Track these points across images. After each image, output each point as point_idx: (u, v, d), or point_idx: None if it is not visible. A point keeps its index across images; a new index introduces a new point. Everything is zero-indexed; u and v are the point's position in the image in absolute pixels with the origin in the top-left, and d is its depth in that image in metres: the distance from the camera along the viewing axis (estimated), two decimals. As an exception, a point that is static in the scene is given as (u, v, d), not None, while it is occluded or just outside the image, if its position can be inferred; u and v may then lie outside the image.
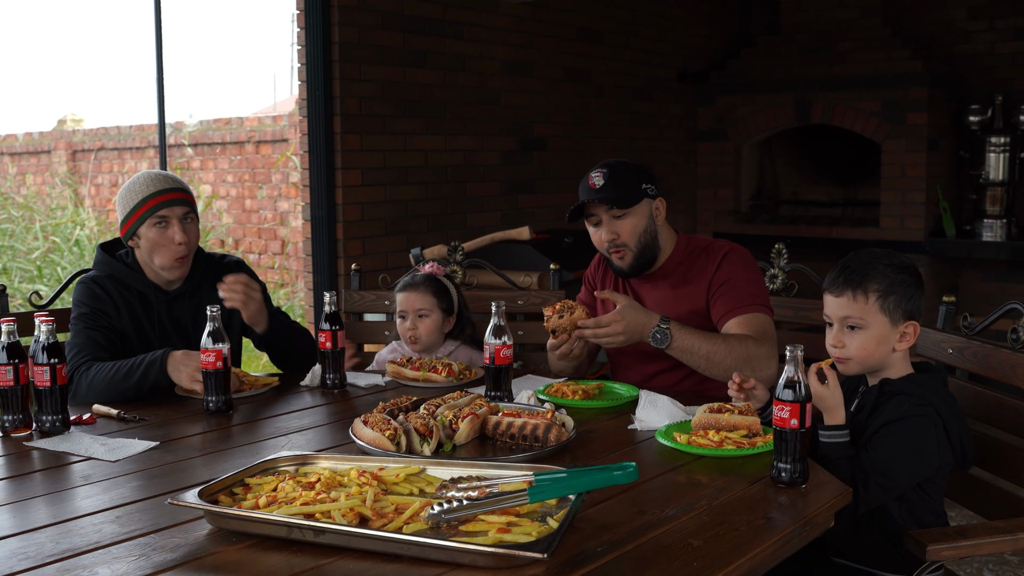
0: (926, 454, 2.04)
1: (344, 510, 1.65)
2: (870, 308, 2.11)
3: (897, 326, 2.12)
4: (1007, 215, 6.52)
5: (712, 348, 2.57)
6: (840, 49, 6.92)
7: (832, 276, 2.17)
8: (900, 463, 2.02)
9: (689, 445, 2.11)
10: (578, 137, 6.11)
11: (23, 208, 10.17)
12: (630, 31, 6.49)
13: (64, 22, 30.35)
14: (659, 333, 2.58)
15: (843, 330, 2.15)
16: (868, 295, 2.11)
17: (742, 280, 2.72)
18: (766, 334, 2.63)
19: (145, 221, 2.80)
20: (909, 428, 2.04)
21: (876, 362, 2.15)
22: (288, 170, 8.79)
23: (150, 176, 2.86)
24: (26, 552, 1.60)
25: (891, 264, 2.13)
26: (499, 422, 2.19)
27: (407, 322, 3.08)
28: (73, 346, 2.73)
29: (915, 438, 2.04)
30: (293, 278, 8.79)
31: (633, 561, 1.54)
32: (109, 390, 2.62)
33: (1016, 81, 6.76)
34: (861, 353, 2.13)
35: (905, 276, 2.12)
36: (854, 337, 2.13)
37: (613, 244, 2.76)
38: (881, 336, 2.12)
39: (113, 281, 2.84)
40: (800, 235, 6.93)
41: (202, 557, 1.58)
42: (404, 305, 3.09)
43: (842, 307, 2.14)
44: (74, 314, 2.80)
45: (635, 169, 2.79)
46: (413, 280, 3.12)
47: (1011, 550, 2.08)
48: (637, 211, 2.75)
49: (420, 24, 4.98)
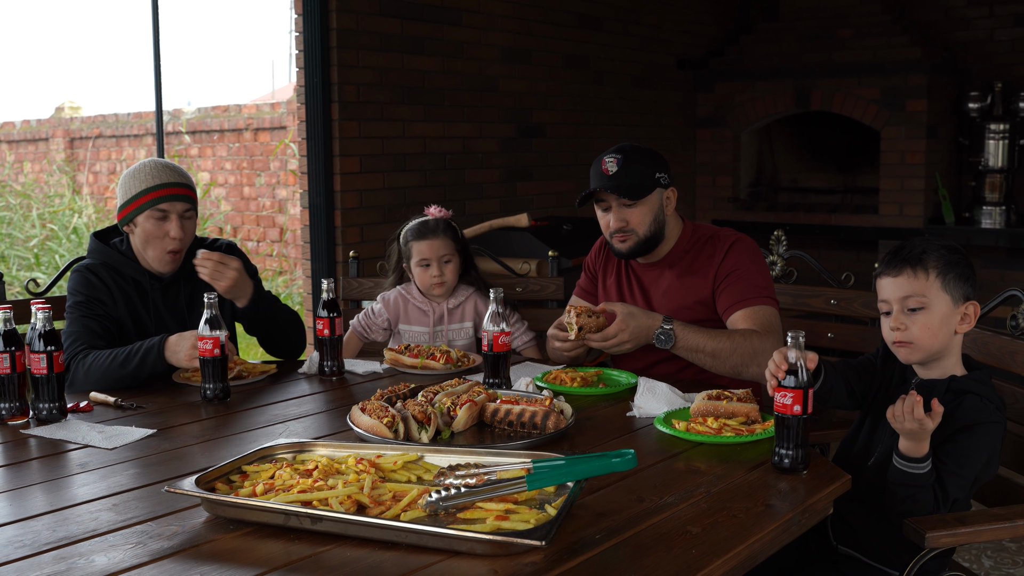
0: (994, 460, 2.01)
1: (342, 497, 1.64)
2: (931, 285, 2.01)
3: (958, 305, 2.04)
4: (1006, 202, 6.51)
5: (717, 346, 2.55)
6: (839, 36, 6.90)
7: (886, 260, 2.09)
8: (978, 471, 1.99)
9: (688, 432, 2.10)
10: (577, 124, 6.09)
11: (21, 196, 10.16)
12: (629, 18, 6.46)
13: (62, 9, 30.24)
14: (663, 335, 2.56)
15: (904, 312, 2.04)
16: (929, 271, 2.02)
17: (748, 271, 2.70)
18: (771, 327, 2.61)
19: (144, 211, 2.79)
20: (987, 435, 1.98)
21: (940, 346, 2.04)
22: (286, 157, 8.78)
23: (158, 166, 2.84)
24: (23, 540, 1.59)
25: (943, 246, 2.07)
26: (497, 409, 2.18)
27: (431, 269, 3.05)
28: (69, 335, 2.72)
29: (991, 445, 1.99)
30: (291, 265, 8.79)
31: (631, 548, 1.54)
32: (106, 378, 2.62)
33: (1016, 68, 6.74)
34: (925, 334, 2.02)
35: (959, 257, 2.06)
36: (916, 318, 2.02)
37: (620, 231, 2.75)
38: (944, 316, 2.02)
39: (108, 269, 2.83)
40: (799, 222, 6.91)
41: (199, 545, 1.57)
42: (428, 253, 3.06)
43: (902, 287, 2.04)
44: (69, 302, 2.79)
45: (649, 156, 2.76)
46: (429, 227, 3.08)
47: (1009, 537, 2.07)
48: (648, 200, 2.72)
49: (418, 10, 4.96)
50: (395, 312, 3.16)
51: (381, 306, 3.17)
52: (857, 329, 2.99)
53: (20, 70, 25.33)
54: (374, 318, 3.16)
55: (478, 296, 3.17)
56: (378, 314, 3.17)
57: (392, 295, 3.18)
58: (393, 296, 3.18)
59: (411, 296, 3.16)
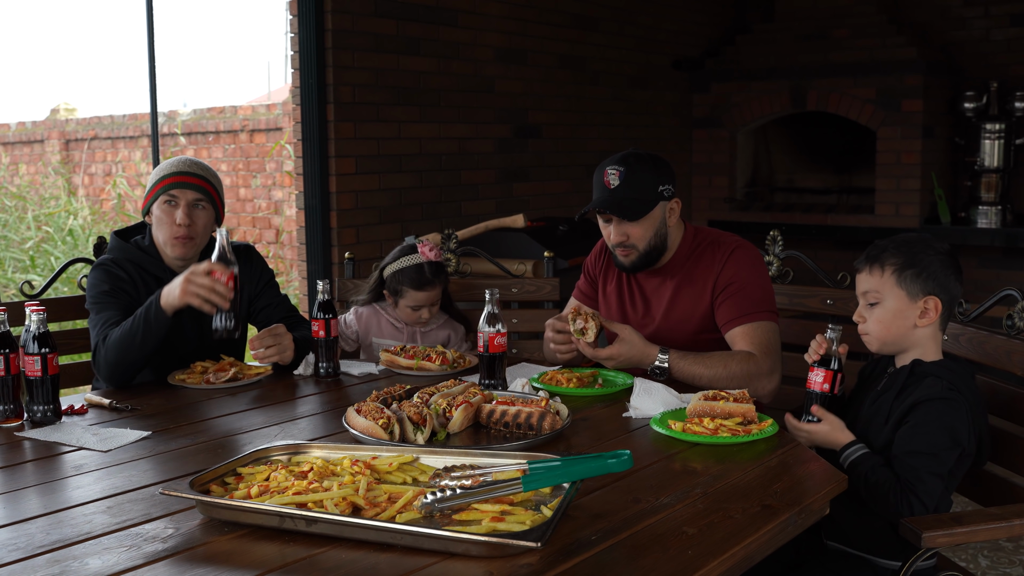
0: (960, 434, 2.03)
1: (337, 499, 1.64)
2: (885, 281, 2.13)
3: (916, 300, 2.12)
4: (1002, 202, 6.51)
5: (713, 375, 2.54)
6: (835, 36, 6.91)
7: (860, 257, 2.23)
8: (941, 447, 2.02)
9: (684, 433, 2.10)
10: (573, 125, 6.09)
11: (16, 198, 10.14)
12: (625, 18, 6.46)
13: (57, 10, 30.20)
14: (658, 369, 2.57)
15: (865, 306, 2.19)
16: (884, 268, 2.14)
17: (747, 283, 2.66)
18: (769, 347, 2.60)
19: (158, 198, 2.83)
20: (943, 409, 2.04)
21: (896, 338, 2.16)
22: (282, 159, 8.77)
23: (179, 159, 2.90)
24: (16, 543, 1.59)
25: (918, 242, 2.15)
26: (493, 410, 2.18)
27: (422, 312, 3.12)
28: (96, 323, 2.72)
29: (950, 418, 2.03)
30: (287, 267, 8.77)
31: (627, 549, 1.54)
32: (121, 350, 2.62)
33: (1011, 68, 6.75)
34: (878, 327, 2.16)
35: (931, 255, 2.12)
36: (872, 312, 2.17)
37: (622, 244, 2.72)
38: (897, 310, 2.13)
39: (130, 264, 2.84)
40: (795, 222, 6.92)
41: (194, 547, 1.57)
42: (423, 301, 3.11)
43: (863, 282, 2.19)
44: (92, 294, 2.77)
45: (653, 167, 2.70)
46: (426, 278, 3.09)
47: (1006, 536, 2.08)
48: (650, 216, 2.68)
49: (414, 11, 4.96)
50: (365, 327, 3.19)
51: (353, 318, 3.20)
52: (853, 329, 2.98)
53: (15, 71, 25.29)
54: (344, 328, 3.18)
55: (451, 326, 3.23)
56: (348, 325, 3.20)
57: (365, 310, 3.22)
58: (366, 311, 3.22)
59: (385, 313, 3.20)
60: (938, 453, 2.01)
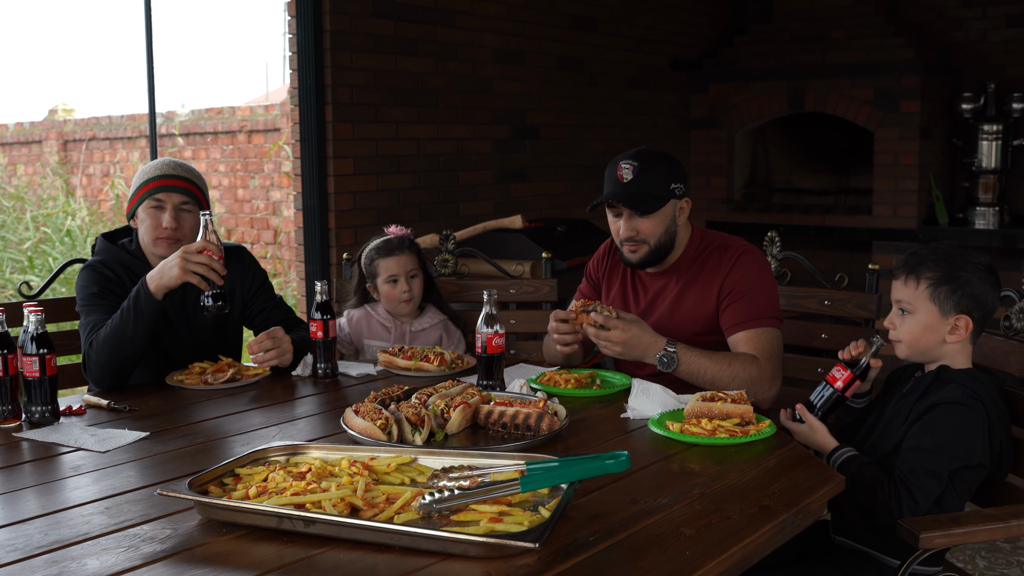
0: (972, 444, 2.03)
1: (335, 500, 1.64)
2: (919, 295, 2.15)
3: (947, 317, 2.13)
4: (999, 203, 6.51)
5: (717, 372, 2.53)
6: (833, 37, 6.91)
7: (898, 262, 2.24)
8: (946, 449, 2.02)
9: (682, 433, 2.10)
10: (571, 125, 6.09)
11: (14, 198, 10.13)
12: (623, 19, 6.46)
13: (55, 11, 30.19)
14: (665, 357, 2.53)
15: (897, 312, 2.20)
16: (920, 281, 2.15)
17: (753, 288, 2.65)
18: (772, 353, 2.59)
19: (144, 202, 2.82)
20: (959, 414, 2.04)
21: (925, 349, 2.18)
22: (280, 159, 8.76)
23: (162, 161, 2.89)
24: (14, 544, 1.59)
25: (958, 256, 2.14)
26: (491, 411, 2.18)
27: (400, 284, 3.11)
28: (85, 325, 2.72)
29: (964, 425, 2.03)
30: (286, 267, 8.77)
31: (626, 550, 1.54)
32: (112, 344, 2.62)
33: (1009, 69, 6.75)
34: (908, 337, 2.18)
35: (969, 271, 2.12)
36: (904, 321, 2.18)
37: (631, 239, 2.71)
38: (928, 324, 2.14)
39: (118, 266, 2.84)
40: (793, 223, 6.92)
41: (192, 548, 1.57)
42: (395, 269, 3.11)
43: (896, 290, 2.20)
44: (82, 295, 2.77)
45: (666, 165, 2.70)
46: (393, 244, 3.15)
47: (1004, 537, 2.08)
48: (661, 212, 2.67)
49: (412, 12, 4.96)
50: (357, 329, 3.20)
51: (345, 322, 3.21)
52: (851, 330, 2.99)
53: (13, 72, 25.28)
54: (338, 332, 3.18)
55: (444, 328, 3.22)
56: (342, 328, 3.21)
57: (356, 313, 3.23)
58: (357, 314, 3.23)
59: (375, 313, 3.20)
60: (940, 453, 2.01)
